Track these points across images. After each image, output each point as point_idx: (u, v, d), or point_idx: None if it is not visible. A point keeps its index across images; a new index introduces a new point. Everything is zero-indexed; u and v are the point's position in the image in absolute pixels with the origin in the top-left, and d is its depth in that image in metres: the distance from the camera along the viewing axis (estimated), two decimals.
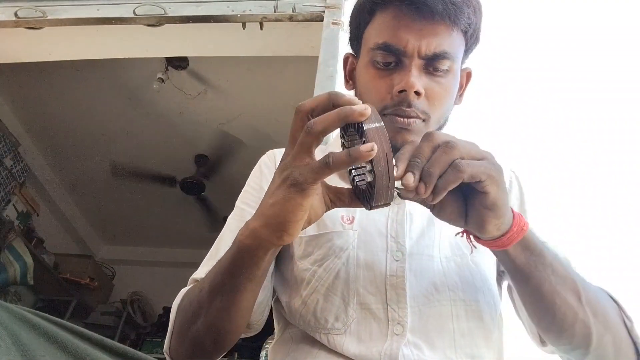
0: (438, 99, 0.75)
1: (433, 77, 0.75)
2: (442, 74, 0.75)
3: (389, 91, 0.74)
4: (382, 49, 0.75)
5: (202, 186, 4.04)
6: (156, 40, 2.01)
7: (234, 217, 0.85)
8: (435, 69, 0.75)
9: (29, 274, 3.41)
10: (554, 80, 1.47)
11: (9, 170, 3.58)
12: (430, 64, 0.74)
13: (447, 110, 0.79)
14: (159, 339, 4.21)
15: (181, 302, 0.75)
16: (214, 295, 0.66)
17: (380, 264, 0.74)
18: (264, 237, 0.59)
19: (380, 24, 0.77)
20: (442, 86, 0.75)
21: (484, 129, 1.36)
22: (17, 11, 1.84)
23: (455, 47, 0.75)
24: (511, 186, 0.86)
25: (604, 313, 0.68)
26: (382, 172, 0.51)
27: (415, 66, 0.73)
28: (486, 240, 0.62)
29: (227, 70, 3.20)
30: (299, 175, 0.53)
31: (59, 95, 3.47)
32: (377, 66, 0.76)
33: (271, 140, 3.55)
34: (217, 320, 0.67)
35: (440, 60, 0.74)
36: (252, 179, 0.89)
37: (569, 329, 0.66)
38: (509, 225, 0.61)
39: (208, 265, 0.80)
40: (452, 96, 0.78)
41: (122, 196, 4.48)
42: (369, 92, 0.78)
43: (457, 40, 0.75)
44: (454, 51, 0.75)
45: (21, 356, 0.58)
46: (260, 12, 1.76)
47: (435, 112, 0.76)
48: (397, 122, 0.74)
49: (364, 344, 0.69)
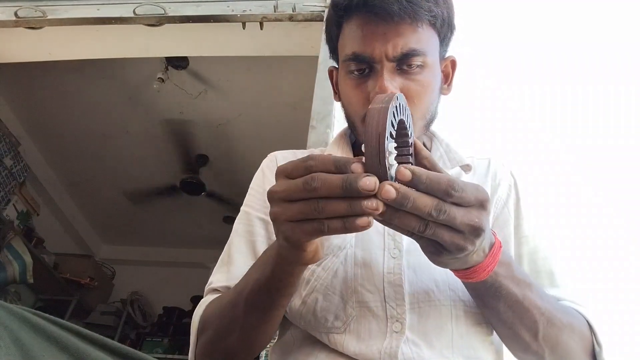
0: (417, 96, 0.76)
1: (408, 76, 0.76)
2: (417, 71, 0.76)
3: (367, 97, 0.76)
4: (353, 59, 0.77)
5: (202, 186, 4.05)
6: (156, 40, 2.01)
7: (240, 221, 0.86)
8: (409, 66, 0.75)
9: (28, 272, 3.41)
10: (554, 80, 1.47)
11: (9, 170, 3.58)
12: (402, 63, 0.75)
13: (430, 104, 0.79)
14: (159, 338, 4.21)
15: (208, 316, 0.75)
16: (250, 312, 0.68)
17: (377, 261, 0.74)
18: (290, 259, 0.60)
19: (348, 34, 0.79)
20: (419, 82, 0.76)
21: (484, 129, 1.36)
22: (17, 11, 1.84)
23: (424, 41, 0.76)
24: (510, 190, 0.86)
25: (566, 348, 0.70)
26: (372, 151, 0.49)
27: (387, 69, 0.74)
28: None
29: (227, 70, 3.20)
30: (291, 233, 0.53)
31: (59, 95, 3.48)
32: (352, 75, 0.78)
33: (271, 139, 3.55)
34: (252, 334, 0.70)
35: (411, 58, 0.75)
36: (255, 182, 0.90)
37: (521, 357, 0.73)
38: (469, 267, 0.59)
39: (221, 272, 0.81)
40: (432, 90, 0.79)
41: (122, 195, 4.48)
42: (350, 101, 0.80)
43: (424, 35, 0.76)
44: (423, 46, 0.76)
45: (21, 356, 0.58)
46: (260, 11, 1.76)
47: (417, 109, 0.76)
48: None
49: (364, 342, 0.70)
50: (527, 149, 1.34)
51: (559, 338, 0.69)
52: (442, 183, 0.50)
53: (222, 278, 0.80)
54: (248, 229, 0.84)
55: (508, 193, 0.85)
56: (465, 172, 0.85)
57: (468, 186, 0.51)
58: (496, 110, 1.41)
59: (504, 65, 1.48)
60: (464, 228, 0.51)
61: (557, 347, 0.69)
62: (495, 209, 0.84)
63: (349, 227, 0.49)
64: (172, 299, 4.58)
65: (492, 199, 0.84)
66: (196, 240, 4.92)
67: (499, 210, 0.84)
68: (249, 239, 0.82)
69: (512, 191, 0.86)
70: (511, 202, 0.85)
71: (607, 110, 1.40)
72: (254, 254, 0.81)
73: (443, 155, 0.86)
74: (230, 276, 0.79)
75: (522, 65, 1.50)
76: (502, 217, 0.83)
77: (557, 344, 0.69)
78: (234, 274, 0.78)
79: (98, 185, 4.39)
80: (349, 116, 0.83)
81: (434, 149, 0.89)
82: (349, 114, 0.82)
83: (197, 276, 4.53)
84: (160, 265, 5.09)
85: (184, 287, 4.59)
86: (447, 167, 0.84)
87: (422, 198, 0.49)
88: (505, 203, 0.84)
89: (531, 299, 0.67)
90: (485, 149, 1.29)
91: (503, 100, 1.43)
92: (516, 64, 1.50)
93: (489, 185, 0.86)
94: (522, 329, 0.67)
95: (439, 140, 0.89)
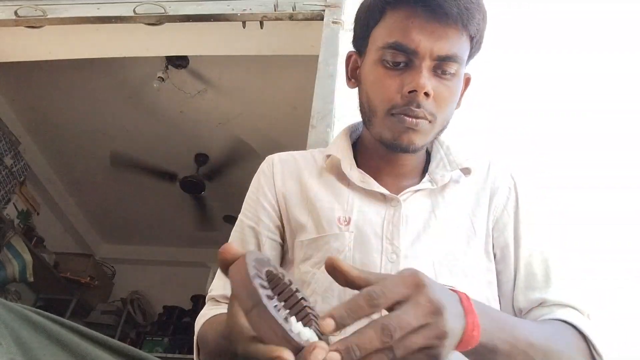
0: (444, 102, 0.76)
1: (441, 80, 0.76)
2: (450, 77, 0.76)
3: (399, 91, 0.75)
4: (393, 48, 0.75)
5: (202, 185, 4.05)
6: (156, 39, 2.01)
7: (235, 229, 0.88)
8: (444, 72, 0.76)
9: (28, 271, 3.41)
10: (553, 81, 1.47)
11: (9, 169, 3.58)
12: (440, 66, 0.75)
13: (450, 113, 0.80)
14: (159, 337, 4.22)
15: (202, 336, 0.77)
16: None
17: (375, 265, 0.75)
18: None
19: (392, 23, 0.77)
20: (449, 89, 0.76)
21: (483, 130, 1.36)
22: (17, 10, 1.84)
23: (463, 51, 0.76)
24: (509, 193, 0.86)
25: None
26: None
27: (426, 67, 0.74)
28: None
29: (227, 69, 3.20)
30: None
31: (59, 94, 3.47)
32: (386, 65, 0.77)
33: (271, 139, 3.56)
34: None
35: (450, 63, 0.75)
36: (251, 190, 0.91)
37: None
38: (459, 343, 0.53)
39: (220, 278, 0.84)
40: (456, 99, 0.80)
41: (123, 195, 4.48)
42: (377, 90, 0.78)
43: (465, 45, 0.77)
44: (462, 55, 0.76)
45: (22, 354, 0.59)
46: (261, 11, 1.76)
47: (441, 114, 0.77)
48: (405, 122, 0.75)
49: None
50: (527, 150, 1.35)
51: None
52: (362, 303, 0.45)
53: (220, 287, 0.83)
54: (241, 237, 0.86)
55: (507, 196, 0.86)
56: (465, 175, 0.85)
57: (387, 284, 0.47)
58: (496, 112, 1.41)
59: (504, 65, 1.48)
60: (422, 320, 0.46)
61: None
62: (494, 213, 0.84)
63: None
64: (172, 298, 4.58)
65: (491, 203, 0.85)
66: (196, 240, 4.92)
67: (498, 213, 0.84)
68: (243, 247, 0.84)
69: (512, 193, 0.86)
70: (510, 205, 0.85)
71: (607, 111, 1.40)
72: None
73: (443, 158, 0.86)
74: (228, 285, 0.80)
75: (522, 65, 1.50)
76: (501, 220, 0.84)
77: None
78: None
79: (98, 185, 4.39)
80: (370, 104, 0.80)
81: (435, 151, 0.89)
82: (371, 102, 0.80)
83: (197, 275, 4.55)
84: (160, 264, 5.09)
85: (184, 286, 4.60)
86: (448, 169, 0.85)
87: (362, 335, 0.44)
88: (505, 206, 0.85)
89: (521, 342, 0.61)
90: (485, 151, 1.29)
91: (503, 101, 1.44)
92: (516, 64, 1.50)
93: (488, 189, 0.86)
94: None
95: (440, 142, 0.89)
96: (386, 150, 0.83)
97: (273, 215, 0.86)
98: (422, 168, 0.89)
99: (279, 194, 0.87)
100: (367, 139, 0.88)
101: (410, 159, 0.86)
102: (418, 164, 0.88)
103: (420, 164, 0.89)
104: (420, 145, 0.79)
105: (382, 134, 0.79)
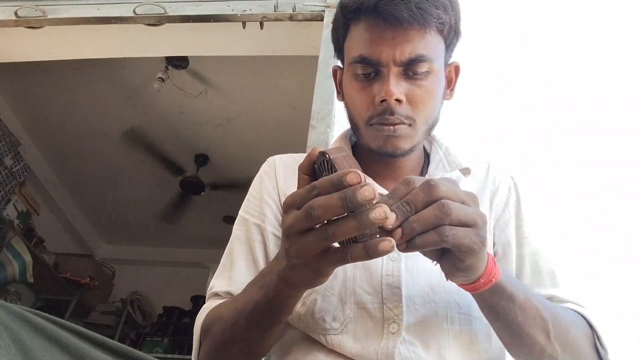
0: (421, 102, 0.76)
1: (414, 81, 0.76)
2: (422, 77, 0.76)
3: (372, 101, 0.76)
4: (360, 62, 0.77)
5: (202, 185, 4.05)
6: (156, 39, 2.01)
7: (239, 227, 0.87)
8: (415, 73, 0.76)
9: (28, 272, 3.41)
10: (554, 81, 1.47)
11: (9, 170, 3.58)
12: (408, 69, 0.75)
13: (433, 110, 0.80)
14: (159, 338, 4.21)
15: (209, 325, 0.76)
16: (252, 329, 0.68)
17: (376, 263, 0.75)
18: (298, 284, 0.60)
19: (355, 37, 0.79)
20: (424, 89, 0.77)
21: (484, 130, 1.36)
22: (17, 10, 1.84)
23: (431, 48, 0.76)
24: (510, 193, 0.86)
25: (574, 345, 0.70)
26: None
27: (393, 74, 0.75)
28: None
29: (227, 70, 3.20)
30: (318, 265, 0.54)
31: (59, 95, 3.48)
32: (358, 78, 0.78)
33: (271, 139, 3.55)
34: (254, 347, 0.70)
35: (417, 64, 0.75)
36: (254, 188, 0.91)
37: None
38: (478, 277, 0.60)
39: (223, 277, 0.82)
40: (435, 96, 0.79)
41: (122, 195, 4.48)
42: (354, 103, 0.80)
43: (432, 41, 0.76)
44: (430, 52, 0.76)
45: (21, 356, 0.58)
46: (261, 11, 1.76)
47: (420, 115, 0.77)
48: (383, 131, 0.76)
49: (360, 343, 0.70)
50: (526, 150, 1.35)
51: (568, 335, 0.70)
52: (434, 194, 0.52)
53: (224, 283, 0.81)
54: (247, 235, 0.85)
55: (508, 195, 0.86)
56: (464, 176, 0.85)
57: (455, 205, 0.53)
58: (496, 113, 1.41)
59: (503, 65, 1.48)
60: (474, 221, 0.53)
61: (567, 345, 0.69)
62: (495, 212, 0.84)
63: (371, 253, 0.48)
64: (172, 299, 4.58)
65: (492, 203, 0.85)
66: (196, 240, 4.92)
67: (499, 212, 0.84)
68: (249, 245, 0.83)
69: (512, 193, 0.86)
70: (511, 204, 0.85)
71: (607, 111, 1.40)
72: (254, 260, 0.82)
73: (442, 159, 0.86)
74: (232, 282, 0.80)
75: (522, 66, 1.50)
76: (502, 219, 0.84)
77: (567, 341, 0.69)
78: (236, 279, 0.79)
79: (98, 185, 4.39)
80: (352, 118, 0.83)
81: (434, 152, 0.89)
82: (352, 116, 0.83)
83: (197, 276, 4.55)
84: (160, 265, 5.09)
85: (184, 286, 4.60)
86: (447, 170, 0.85)
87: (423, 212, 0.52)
88: (506, 205, 0.85)
89: (534, 299, 0.67)
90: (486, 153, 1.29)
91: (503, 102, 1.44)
92: (516, 65, 1.50)
93: (488, 190, 0.86)
94: (536, 331, 0.67)
95: (439, 144, 0.89)
96: (379, 156, 0.83)
97: (277, 213, 0.86)
98: (421, 169, 0.89)
99: (282, 194, 0.87)
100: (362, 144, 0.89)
101: (406, 161, 0.86)
102: (416, 165, 0.88)
103: (419, 165, 0.89)
104: (407, 148, 0.79)
105: (368, 143, 0.80)
